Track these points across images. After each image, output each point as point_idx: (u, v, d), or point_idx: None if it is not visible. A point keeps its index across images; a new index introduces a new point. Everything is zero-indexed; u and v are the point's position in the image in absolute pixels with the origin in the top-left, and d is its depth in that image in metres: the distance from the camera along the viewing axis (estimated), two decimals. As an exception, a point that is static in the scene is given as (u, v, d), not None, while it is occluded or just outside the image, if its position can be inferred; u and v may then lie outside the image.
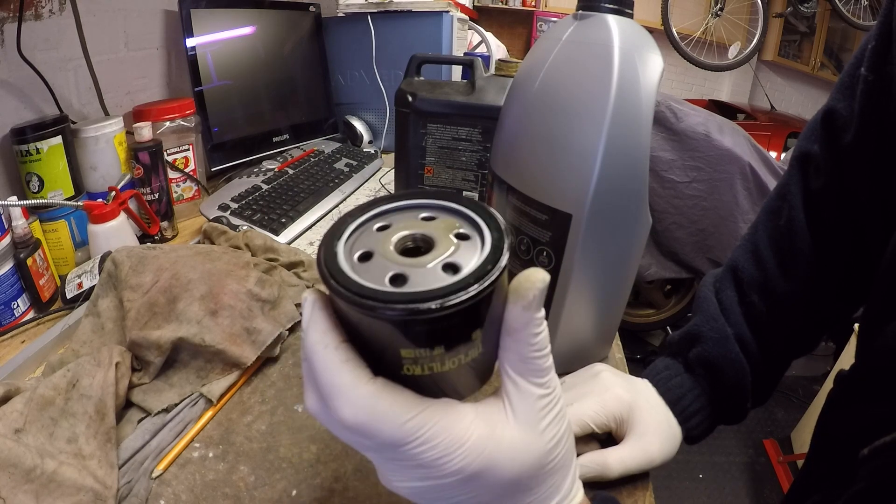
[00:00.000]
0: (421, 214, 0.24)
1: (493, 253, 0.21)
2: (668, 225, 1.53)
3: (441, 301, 0.19)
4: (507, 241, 0.21)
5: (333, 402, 0.21)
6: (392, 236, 0.22)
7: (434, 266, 0.21)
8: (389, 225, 0.23)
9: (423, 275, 0.20)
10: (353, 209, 0.24)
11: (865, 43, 0.38)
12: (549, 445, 0.23)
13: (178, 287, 0.49)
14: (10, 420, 0.37)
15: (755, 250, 0.45)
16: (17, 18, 0.66)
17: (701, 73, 3.13)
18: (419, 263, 0.21)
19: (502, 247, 0.21)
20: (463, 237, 0.22)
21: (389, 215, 0.24)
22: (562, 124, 0.44)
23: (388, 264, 0.21)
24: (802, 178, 0.44)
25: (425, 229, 0.23)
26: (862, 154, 0.39)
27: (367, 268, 0.21)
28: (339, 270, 0.20)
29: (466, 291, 0.19)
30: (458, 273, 0.20)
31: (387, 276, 0.20)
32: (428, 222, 0.23)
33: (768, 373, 0.45)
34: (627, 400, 0.42)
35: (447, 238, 0.22)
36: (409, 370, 0.21)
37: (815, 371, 2.08)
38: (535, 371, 0.23)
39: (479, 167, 0.73)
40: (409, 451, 0.21)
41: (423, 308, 0.18)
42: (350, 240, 0.23)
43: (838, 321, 0.45)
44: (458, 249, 0.21)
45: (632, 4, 0.44)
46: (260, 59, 1.04)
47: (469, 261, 0.21)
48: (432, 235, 0.22)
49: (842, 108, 0.40)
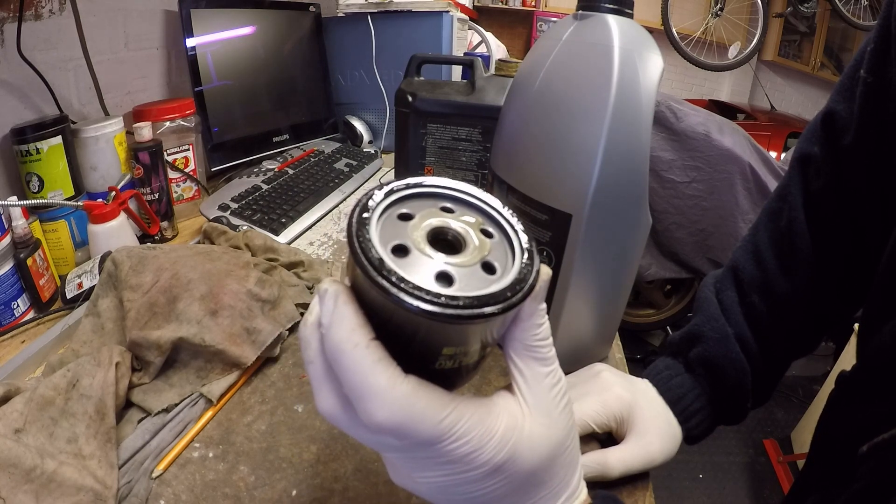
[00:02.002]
0: (440, 204, 0.24)
1: (529, 257, 0.22)
2: (668, 225, 1.53)
3: (503, 305, 0.19)
4: (534, 244, 0.23)
5: (367, 405, 0.20)
6: (420, 229, 0.22)
7: (475, 266, 0.21)
8: (412, 215, 0.23)
9: (467, 275, 0.21)
10: (368, 192, 0.23)
11: (865, 45, 0.39)
12: (563, 433, 0.24)
13: (178, 287, 0.49)
14: (10, 420, 0.37)
15: (756, 251, 0.45)
16: (17, 18, 0.66)
17: (701, 73, 3.13)
18: (461, 263, 0.21)
19: (533, 250, 0.22)
20: (488, 234, 0.23)
21: (409, 202, 0.24)
22: (562, 124, 0.44)
23: (429, 261, 0.21)
24: (803, 179, 0.44)
25: (453, 223, 0.23)
26: (861, 155, 0.39)
27: (408, 263, 0.20)
28: (389, 269, 0.19)
29: (517, 295, 0.20)
30: (493, 273, 0.21)
31: (432, 274, 0.20)
32: (450, 214, 0.23)
33: (769, 373, 0.45)
34: (628, 400, 0.42)
35: (476, 234, 0.22)
36: (443, 365, 0.21)
37: (815, 371, 2.08)
38: (542, 360, 0.23)
39: (479, 167, 0.73)
40: (444, 448, 0.21)
41: (488, 312, 0.19)
42: (377, 230, 0.22)
43: (838, 322, 0.46)
44: (491, 249, 0.22)
45: (632, 4, 0.44)
46: (260, 59, 1.04)
47: (502, 260, 0.22)
48: (461, 231, 0.23)
49: (842, 110, 0.40)
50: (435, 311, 0.18)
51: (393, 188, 0.23)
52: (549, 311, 0.49)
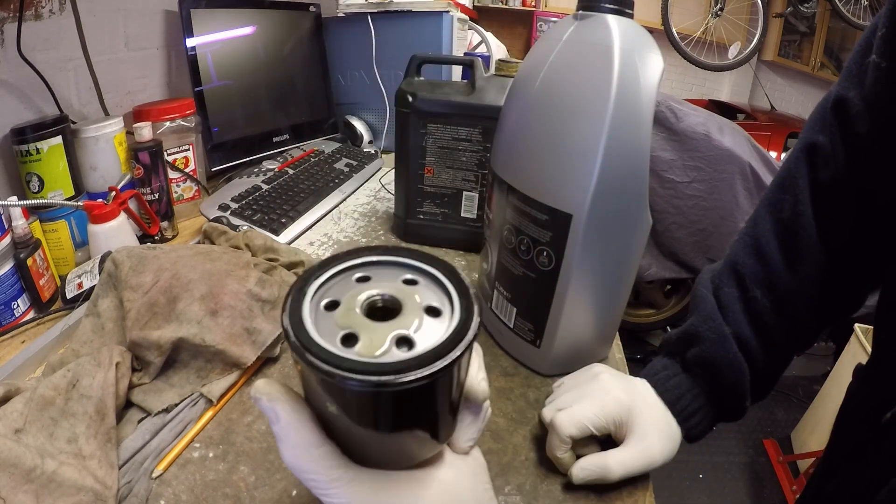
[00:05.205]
0: (404, 276, 0.24)
1: (444, 347, 0.20)
2: (668, 225, 1.53)
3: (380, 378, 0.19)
4: (464, 341, 0.20)
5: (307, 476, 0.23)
6: (365, 291, 0.23)
7: (390, 336, 0.21)
8: (370, 278, 0.24)
9: (373, 340, 0.21)
10: (340, 253, 0.24)
11: (872, 30, 0.37)
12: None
13: (179, 287, 0.49)
14: (10, 420, 0.37)
15: (756, 245, 0.44)
16: (17, 18, 0.66)
17: (701, 73, 3.13)
18: (375, 328, 0.21)
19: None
20: (435, 312, 0.22)
21: (373, 268, 0.24)
22: (562, 124, 0.44)
23: (348, 320, 0.21)
24: (810, 169, 0.42)
25: (399, 293, 0.23)
26: (878, 142, 0.38)
27: (329, 317, 0.21)
28: (300, 324, 0.20)
29: (405, 374, 0.19)
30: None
31: (339, 335, 0.21)
32: (407, 286, 0.23)
33: (769, 369, 0.45)
34: (626, 402, 0.42)
35: (417, 309, 0.22)
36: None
37: (815, 371, 2.08)
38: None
39: (479, 167, 0.73)
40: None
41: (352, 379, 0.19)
42: (326, 284, 0.23)
43: (842, 315, 0.45)
44: (422, 324, 0.21)
45: (632, 4, 0.44)
46: (260, 59, 1.04)
47: (428, 339, 0.21)
48: (403, 301, 0.22)
49: (854, 97, 0.39)
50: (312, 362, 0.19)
51: (359, 252, 0.24)
52: (549, 311, 0.49)
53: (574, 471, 0.40)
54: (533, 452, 0.45)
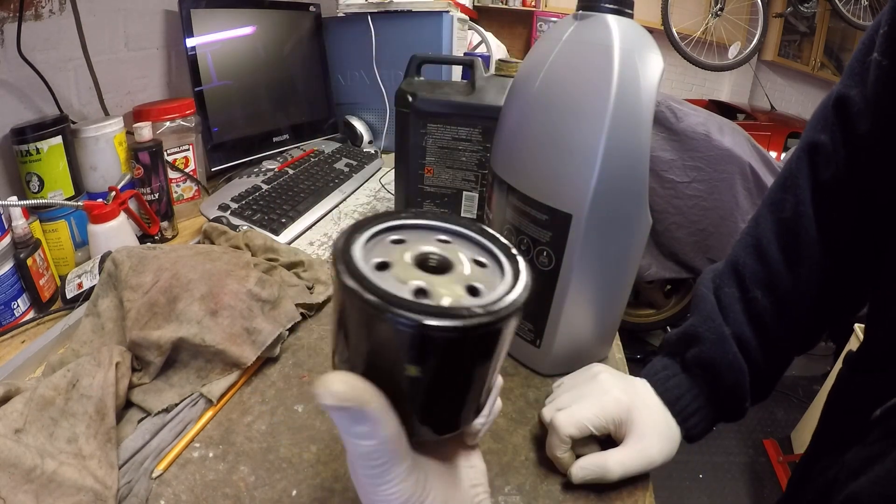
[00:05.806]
0: (437, 236, 0.24)
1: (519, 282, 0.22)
2: (668, 225, 1.53)
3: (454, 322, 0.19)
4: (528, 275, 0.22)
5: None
6: (408, 251, 0.22)
7: (457, 287, 0.21)
8: (405, 240, 0.23)
9: (446, 291, 0.21)
10: (364, 218, 0.24)
11: (875, 28, 0.37)
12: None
13: (179, 287, 0.49)
14: (10, 420, 0.37)
15: (757, 245, 0.44)
16: (17, 18, 0.66)
17: (701, 73, 3.13)
18: (441, 283, 0.21)
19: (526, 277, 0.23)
20: (481, 264, 0.23)
21: (404, 231, 0.24)
22: (562, 124, 0.44)
23: (409, 276, 0.21)
24: (811, 169, 0.42)
25: (444, 251, 0.23)
26: (879, 141, 0.38)
27: (387, 277, 0.21)
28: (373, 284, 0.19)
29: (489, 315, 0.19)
30: (477, 296, 0.21)
31: (408, 290, 0.20)
32: (443, 244, 0.24)
33: (770, 370, 0.45)
34: (626, 402, 0.42)
35: (466, 262, 0.22)
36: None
37: (815, 371, 2.08)
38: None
39: (479, 167, 0.73)
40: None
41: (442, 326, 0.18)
42: (366, 247, 0.22)
43: (843, 316, 0.45)
44: (478, 275, 0.22)
45: (632, 4, 0.44)
46: (260, 59, 1.04)
47: (492, 286, 0.21)
48: (451, 258, 0.23)
49: (855, 95, 0.39)
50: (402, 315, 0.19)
51: (388, 216, 0.24)
52: (549, 311, 0.49)
53: (573, 470, 0.40)
54: (533, 452, 0.45)
